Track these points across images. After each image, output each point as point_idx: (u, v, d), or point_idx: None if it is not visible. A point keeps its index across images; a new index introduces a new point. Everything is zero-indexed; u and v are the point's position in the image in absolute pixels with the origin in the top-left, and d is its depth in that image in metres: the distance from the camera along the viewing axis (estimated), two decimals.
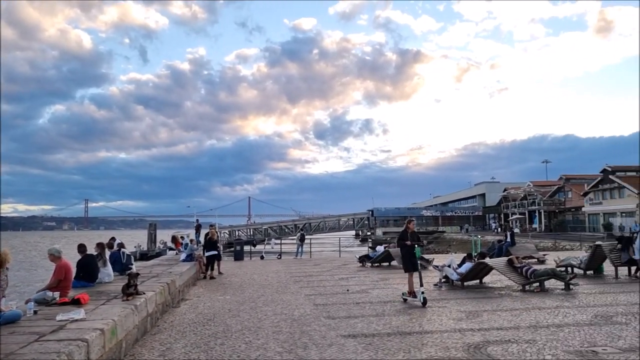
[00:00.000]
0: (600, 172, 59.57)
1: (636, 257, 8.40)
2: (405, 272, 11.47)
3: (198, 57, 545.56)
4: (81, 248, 10.35)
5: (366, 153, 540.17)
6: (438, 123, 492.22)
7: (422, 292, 10.45)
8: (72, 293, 8.41)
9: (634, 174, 58.10)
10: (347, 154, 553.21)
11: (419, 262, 11.16)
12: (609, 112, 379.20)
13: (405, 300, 11.08)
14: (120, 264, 12.35)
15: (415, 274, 11.13)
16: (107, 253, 11.80)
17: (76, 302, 7.63)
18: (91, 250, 10.76)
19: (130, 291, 8.32)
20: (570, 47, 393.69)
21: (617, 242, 16.40)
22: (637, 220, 47.21)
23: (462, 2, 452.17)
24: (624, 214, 54.48)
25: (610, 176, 56.82)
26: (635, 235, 21.97)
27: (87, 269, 10.14)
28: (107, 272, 10.87)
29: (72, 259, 10.08)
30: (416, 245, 11.22)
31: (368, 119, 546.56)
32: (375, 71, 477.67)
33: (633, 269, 15.31)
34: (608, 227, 53.86)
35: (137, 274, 9.07)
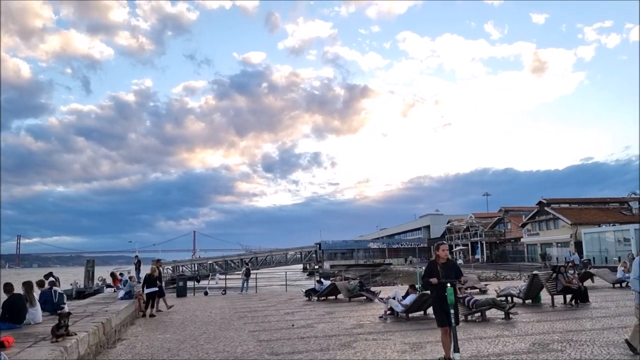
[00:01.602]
0: (537, 204, 62.28)
1: (637, 289, 8.20)
2: (438, 326, 7.80)
3: (144, 89, 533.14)
4: (7, 287, 9.71)
5: (314, 186, 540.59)
6: (385, 156, 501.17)
7: None
8: None
9: (567, 205, 61.14)
10: (295, 187, 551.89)
11: (451, 309, 7.27)
12: (544, 148, 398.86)
13: None
14: (51, 304, 11.65)
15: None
16: (37, 292, 11.14)
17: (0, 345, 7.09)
18: (18, 289, 10.12)
19: (60, 332, 7.83)
20: (508, 85, 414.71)
21: (552, 271, 17.05)
22: (571, 250, 49.37)
23: (408, 41, 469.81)
24: (559, 244, 56.90)
25: (546, 208, 59.49)
26: (569, 264, 22.95)
27: (13, 310, 9.48)
28: (35, 312, 10.21)
29: None
30: (448, 285, 7.40)
31: (316, 152, 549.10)
32: (323, 105, 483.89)
33: (568, 297, 15.93)
34: (545, 257, 56.07)
35: (69, 314, 8.57)
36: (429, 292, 8.78)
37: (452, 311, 7.24)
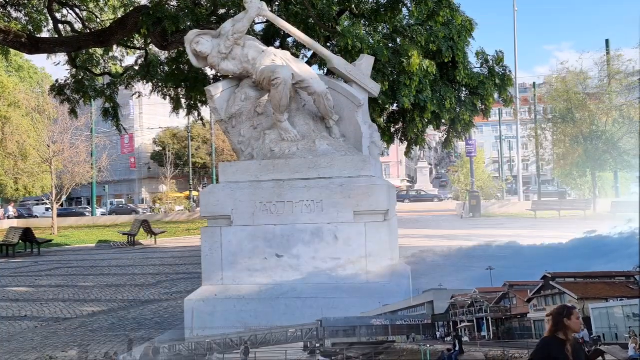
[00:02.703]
0: (541, 279, 61.23)
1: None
2: None
3: None
4: None
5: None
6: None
7: None
8: None
9: (572, 280, 60.07)
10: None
11: None
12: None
13: None
14: None
15: None
16: None
17: None
18: None
19: None
20: None
21: None
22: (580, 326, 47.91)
23: None
24: None
25: (551, 282, 58.40)
26: (578, 341, 22.20)
27: None
28: None
29: None
30: None
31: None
32: None
33: None
34: None
35: None
36: None
37: None
